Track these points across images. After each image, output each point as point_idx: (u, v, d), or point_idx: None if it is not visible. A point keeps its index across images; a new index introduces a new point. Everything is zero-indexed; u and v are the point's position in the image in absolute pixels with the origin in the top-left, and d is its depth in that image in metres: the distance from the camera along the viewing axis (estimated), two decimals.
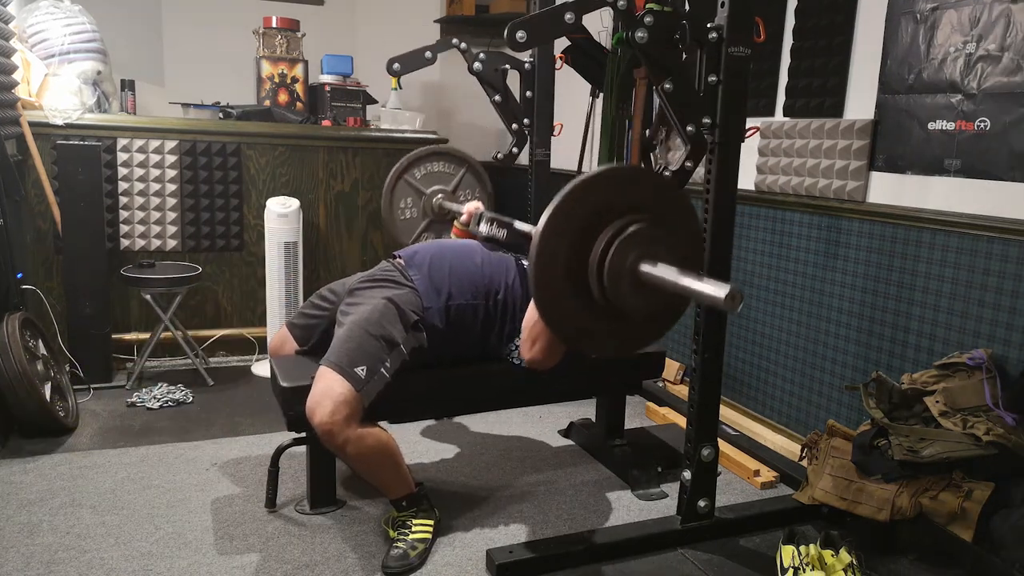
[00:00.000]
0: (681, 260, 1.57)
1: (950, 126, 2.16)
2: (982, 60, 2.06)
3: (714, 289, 1.40)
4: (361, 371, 1.92)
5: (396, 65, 2.96)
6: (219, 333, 3.62)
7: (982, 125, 2.07)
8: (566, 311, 1.61)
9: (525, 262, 2.28)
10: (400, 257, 2.25)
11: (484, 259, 2.23)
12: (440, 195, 3.03)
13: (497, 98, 3.01)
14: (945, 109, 2.17)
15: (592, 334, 1.66)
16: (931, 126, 2.21)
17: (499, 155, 3.15)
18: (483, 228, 2.33)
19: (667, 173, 1.95)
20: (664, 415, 3.03)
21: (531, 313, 2.01)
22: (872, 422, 2.13)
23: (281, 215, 3.37)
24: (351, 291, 2.19)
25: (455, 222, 2.65)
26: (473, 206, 2.53)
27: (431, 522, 2.08)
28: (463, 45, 3.01)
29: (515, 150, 3.14)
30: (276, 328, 3.37)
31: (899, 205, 2.32)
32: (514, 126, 3.07)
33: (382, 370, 1.96)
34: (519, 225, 2.25)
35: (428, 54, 2.97)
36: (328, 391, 1.88)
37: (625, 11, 1.87)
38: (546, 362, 2.00)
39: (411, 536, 2.01)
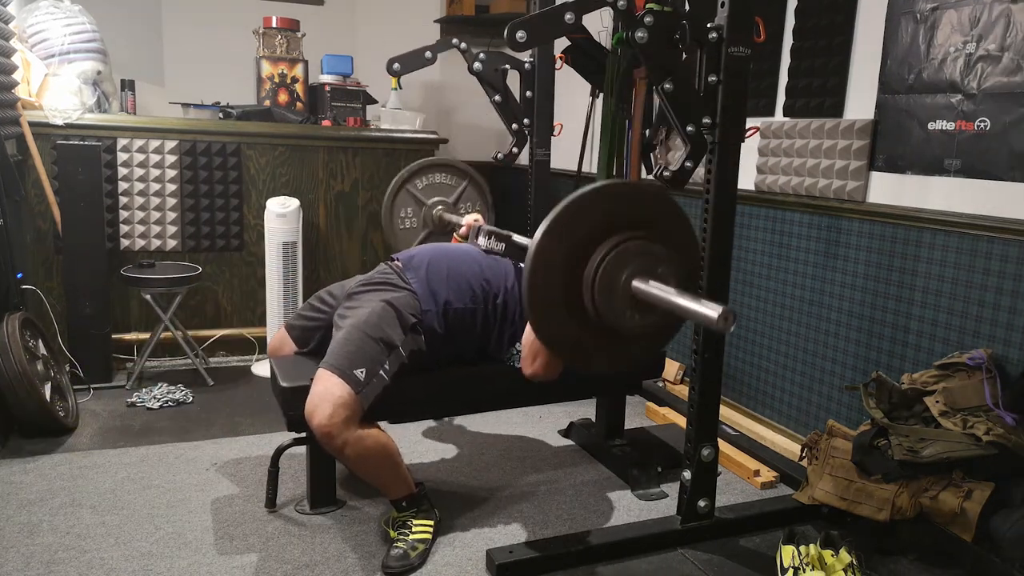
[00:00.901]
0: (677, 278, 1.57)
1: (950, 126, 2.15)
2: (982, 60, 2.06)
3: (706, 309, 1.41)
4: (360, 373, 1.92)
5: (396, 65, 2.96)
6: (219, 333, 3.62)
7: (982, 125, 2.07)
8: (560, 327, 1.62)
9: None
10: (398, 260, 2.25)
11: (483, 263, 2.23)
12: (440, 207, 3.03)
13: (497, 98, 3.01)
14: (945, 109, 2.17)
15: (586, 350, 1.67)
16: (931, 126, 2.21)
17: (499, 155, 3.15)
18: (481, 241, 2.34)
19: (667, 173, 1.95)
20: (664, 415, 3.03)
21: (530, 329, 2.01)
22: (872, 422, 2.13)
23: (279, 215, 3.36)
24: (349, 294, 2.19)
25: (455, 234, 2.65)
26: (472, 219, 2.54)
27: (431, 522, 2.08)
28: (463, 45, 3.01)
29: (515, 150, 3.14)
30: (276, 328, 3.36)
31: (899, 205, 2.32)
32: (514, 126, 3.07)
33: (381, 372, 1.96)
34: (517, 238, 2.25)
35: (428, 54, 2.98)
36: (327, 394, 1.88)
37: (625, 11, 1.88)
38: (547, 377, 2.00)
39: (411, 536, 2.01)
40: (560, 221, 1.56)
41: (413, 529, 2.03)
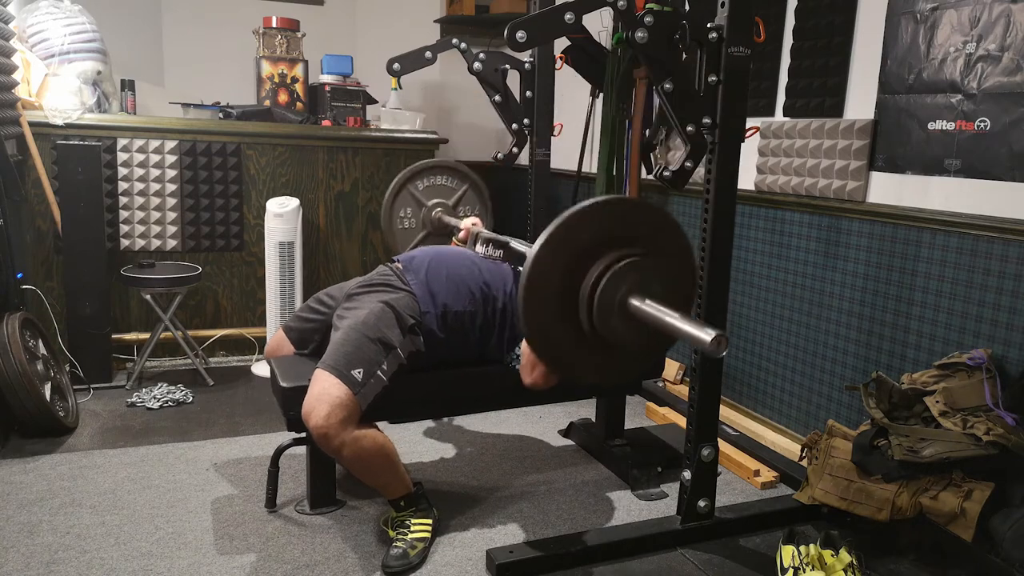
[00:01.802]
0: (674, 296, 1.58)
1: (950, 126, 2.15)
2: (982, 60, 2.06)
3: (700, 332, 1.42)
4: (357, 374, 1.92)
5: (396, 65, 2.96)
6: (219, 333, 3.62)
7: (982, 125, 2.07)
8: (554, 338, 1.62)
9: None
10: (398, 262, 2.25)
11: (482, 267, 2.23)
12: (440, 208, 3.03)
13: (497, 98, 3.01)
14: (945, 109, 2.17)
15: (579, 363, 1.68)
16: (931, 126, 2.21)
17: (499, 155, 3.15)
18: (479, 249, 2.36)
19: (667, 173, 1.95)
20: (664, 415, 3.03)
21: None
22: (872, 422, 2.13)
23: (276, 215, 3.37)
24: (348, 295, 2.19)
25: (453, 238, 2.66)
26: (470, 222, 2.54)
27: (429, 521, 2.08)
28: (463, 45, 3.01)
29: (515, 150, 3.14)
30: (275, 329, 3.37)
31: (899, 205, 2.32)
32: (514, 126, 3.07)
33: (379, 373, 1.96)
34: (515, 244, 2.27)
35: (428, 54, 2.98)
36: (323, 394, 1.88)
37: (625, 11, 1.87)
38: (545, 386, 1.99)
39: (410, 536, 2.01)
40: (556, 237, 1.56)
41: (412, 528, 2.03)
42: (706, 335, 1.41)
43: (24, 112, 3.11)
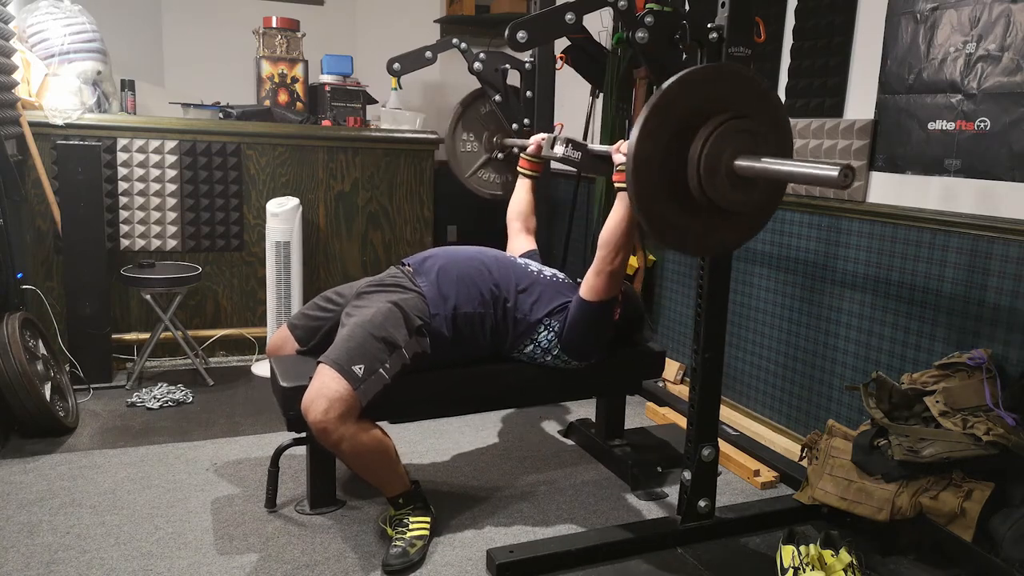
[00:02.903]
0: (775, 153, 1.60)
1: (950, 126, 2.16)
2: (982, 60, 2.06)
3: (824, 169, 1.42)
4: (359, 369, 1.92)
5: (396, 65, 2.96)
6: (219, 333, 3.62)
7: (982, 125, 2.07)
8: (664, 210, 1.63)
9: (545, 271, 2.31)
10: (409, 265, 2.26)
11: (493, 269, 2.23)
12: (500, 133, 3.10)
13: (497, 98, 3.01)
14: (945, 109, 2.17)
15: (690, 231, 1.68)
16: (931, 126, 2.21)
17: (499, 155, 3.15)
18: (558, 149, 2.34)
19: None
20: (664, 415, 3.03)
21: (615, 226, 2.04)
22: (872, 422, 2.13)
23: (274, 214, 3.37)
24: (358, 294, 2.20)
25: (522, 155, 2.66)
26: (539, 138, 2.54)
27: (427, 519, 2.08)
28: (463, 45, 3.01)
29: (515, 150, 3.14)
30: (276, 328, 3.37)
31: (899, 205, 2.32)
32: (514, 126, 3.07)
33: (381, 371, 1.96)
34: (593, 146, 2.30)
35: (428, 54, 2.98)
36: (323, 388, 1.89)
37: (626, 11, 1.88)
38: (619, 275, 2.07)
39: (409, 534, 2.01)
40: (660, 106, 1.57)
41: (410, 526, 2.03)
42: (832, 169, 1.40)
43: (24, 112, 3.11)
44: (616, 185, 2.05)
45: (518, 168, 2.66)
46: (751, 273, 2.90)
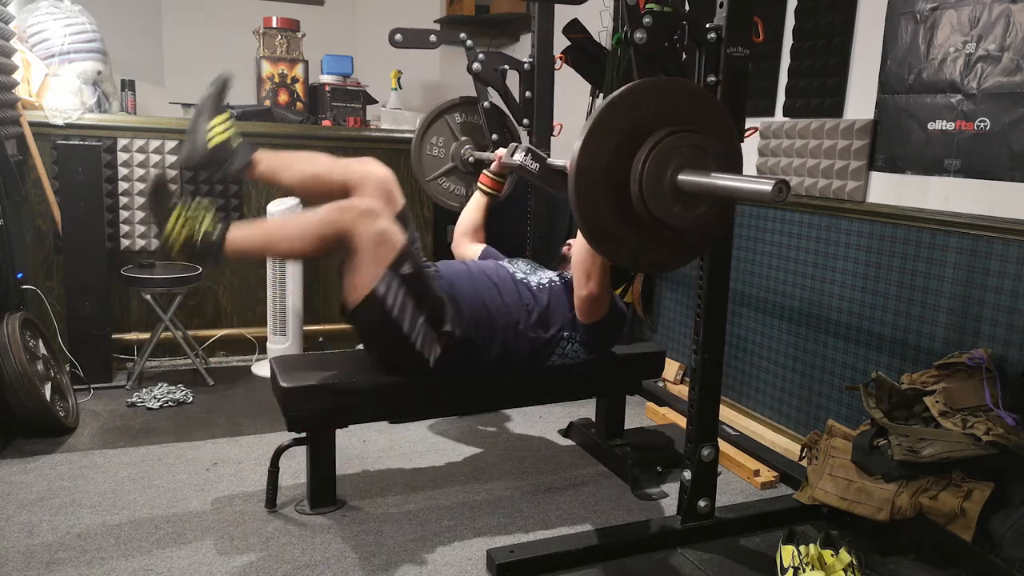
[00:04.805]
0: (720, 168, 1.58)
1: (950, 126, 2.16)
2: (982, 60, 2.06)
3: (758, 184, 1.42)
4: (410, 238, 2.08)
5: (398, 36, 2.95)
6: (219, 333, 3.62)
7: (982, 125, 2.07)
8: (607, 224, 1.61)
9: (555, 277, 2.33)
10: (435, 266, 2.27)
11: (502, 288, 2.23)
12: (470, 146, 3.08)
13: (487, 104, 3.01)
14: (945, 109, 2.17)
15: (638, 248, 1.66)
16: (931, 126, 2.21)
17: (460, 166, 3.14)
18: (518, 157, 2.35)
19: None
20: (664, 415, 3.03)
21: (580, 248, 2.06)
22: (872, 422, 2.13)
23: (272, 214, 3.36)
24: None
25: (484, 171, 2.66)
26: (502, 151, 2.55)
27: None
28: (469, 42, 3.00)
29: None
30: (275, 328, 3.37)
31: (899, 205, 2.32)
32: (497, 138, 3.06)
33: (412, 259, 2.04)
34: (552, 161, 2.31)
35: (433, 37, 2.96)
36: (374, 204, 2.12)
37: (633, 7, 1.87)
38: (602, 296, 2.07)
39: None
40: (602, 121, 1.55)
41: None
42: (766, 184, 1.41)
43: (24, 112, 3.12)
44: None
45: (477, 183, 2.67)
46: (750, 273, 2.90)
